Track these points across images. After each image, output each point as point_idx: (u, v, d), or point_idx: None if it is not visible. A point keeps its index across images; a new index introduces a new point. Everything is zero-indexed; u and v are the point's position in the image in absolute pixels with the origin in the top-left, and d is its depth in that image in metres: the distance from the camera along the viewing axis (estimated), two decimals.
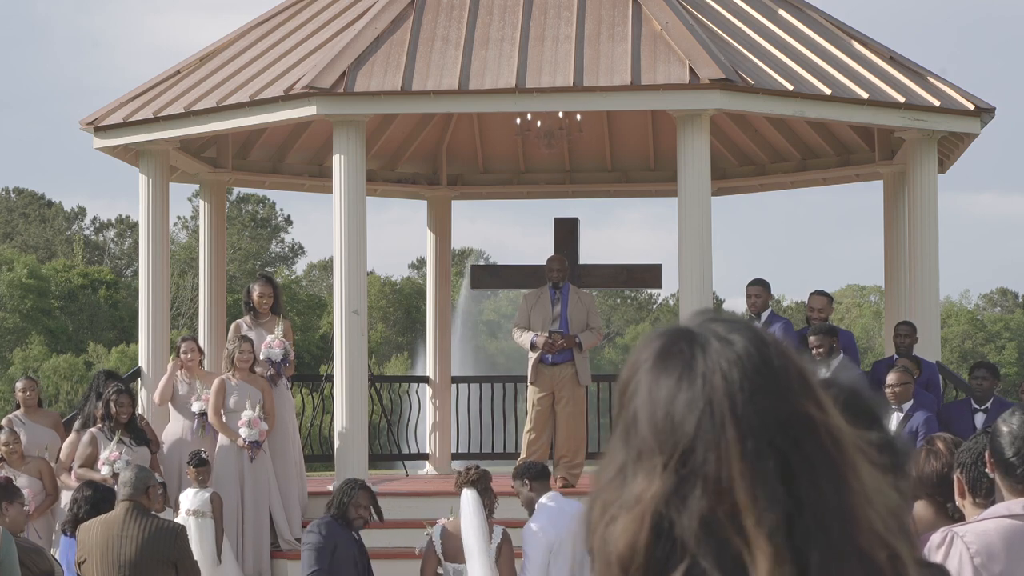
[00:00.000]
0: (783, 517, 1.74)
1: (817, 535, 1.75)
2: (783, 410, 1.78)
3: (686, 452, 1.76)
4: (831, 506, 1.76)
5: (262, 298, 14.88)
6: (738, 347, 1.81)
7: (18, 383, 14.94)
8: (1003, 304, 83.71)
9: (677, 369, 1.80)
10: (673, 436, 1.77)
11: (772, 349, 1.83)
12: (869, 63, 15.58)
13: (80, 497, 10.69)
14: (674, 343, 1.83)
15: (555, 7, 15.22)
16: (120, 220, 73.98)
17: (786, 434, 1.77)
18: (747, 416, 1.76)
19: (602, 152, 20.13)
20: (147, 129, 15.67)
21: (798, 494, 1.75)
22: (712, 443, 1.76)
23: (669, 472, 1.76)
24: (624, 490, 1.78)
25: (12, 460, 13.56)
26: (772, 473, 1.75)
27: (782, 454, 1.76)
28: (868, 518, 1.79)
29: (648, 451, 1.78)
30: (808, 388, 1.82)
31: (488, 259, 71.18)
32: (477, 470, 10.55)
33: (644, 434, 1.79)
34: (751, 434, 1.76)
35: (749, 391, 1.78)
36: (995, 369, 14.61)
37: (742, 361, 1.80)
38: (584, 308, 15.58)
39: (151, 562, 9.56)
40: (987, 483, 4.60)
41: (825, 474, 1.78)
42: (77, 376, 51.35)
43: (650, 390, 1.81)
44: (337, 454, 14.77)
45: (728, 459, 1.75)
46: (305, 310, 60.41)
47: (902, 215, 17.46)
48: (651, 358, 1.83)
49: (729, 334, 1.82)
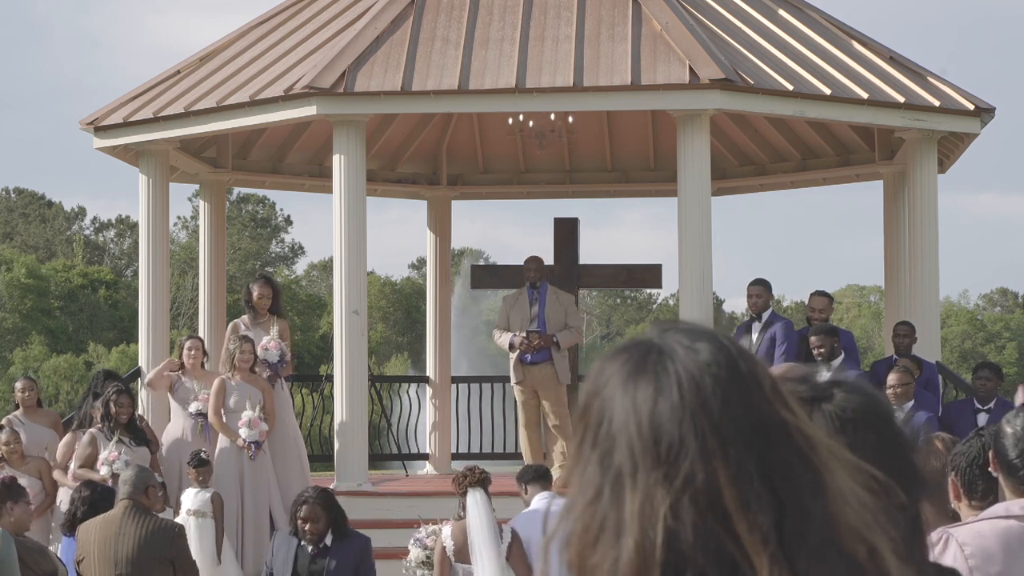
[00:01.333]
0: (773, 521, 1.75)
1: (800, 536, 1.76)
2: (756, 415, 1.79)
3: (674, 462, 1.76)
4: (810, 507, 1.77)
5: (261, 298, 14.87)
6: (704, 355, 1.80)
7: (17, 383, 14.95)
8: (1003, 304, 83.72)
9: (652, 380, 1.79)
10: (660, 447, 1.76)
11: (737, 355, 1.82)
12: (869, 63, 15.58)
13: (78, 497, 10.70)
14: (643, 355, 1.82)
15: (555, 7, 15.22)
16: (120, 220, 74.01)
17: (762, 438, 1.78)
18: (725, 423, 1.76)
19: (602, 152, 20.13)
20: (147, 129, 15.67)
21: (778, 497, 1.76)
22: (697, 452, 1.75)
23: (664, 484, 1.75)
24: (610, 509, 1.77)
25: (12, 460, 13.55)
26: (756, 478, 1.75)
27: (760, 458, 1.77)
28: (845, 515, 1.80)
29: (635, 466, 1.77)
30: (776, 391, 1.82)
31: (488, 259, 71.16)
32: (482, 471, 10.56)
33: (627, 449, 1.77)
34: (732, 440, 1.76)
35: (723, 397, 1.78)
36: (999, 370, 14.62)
37: (711, 368, 1.79)
38: (562, 308, 15.70)
39: (149, 561, 9.57)
40: (982, 486, 4.59)
41: (802, 476, 1.78)
42: (77, 376, 51.36)
43: (627, 403, 1.79)
44: (337, 454, 14.77)
45: (714, 467, 1.75)
46: (305, 310, 60.41)
47: (902, 215, 17.46)
48: (621, 372, 1.82)
49: (693, 343, 1.82)
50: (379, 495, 14.76)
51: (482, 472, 10.52)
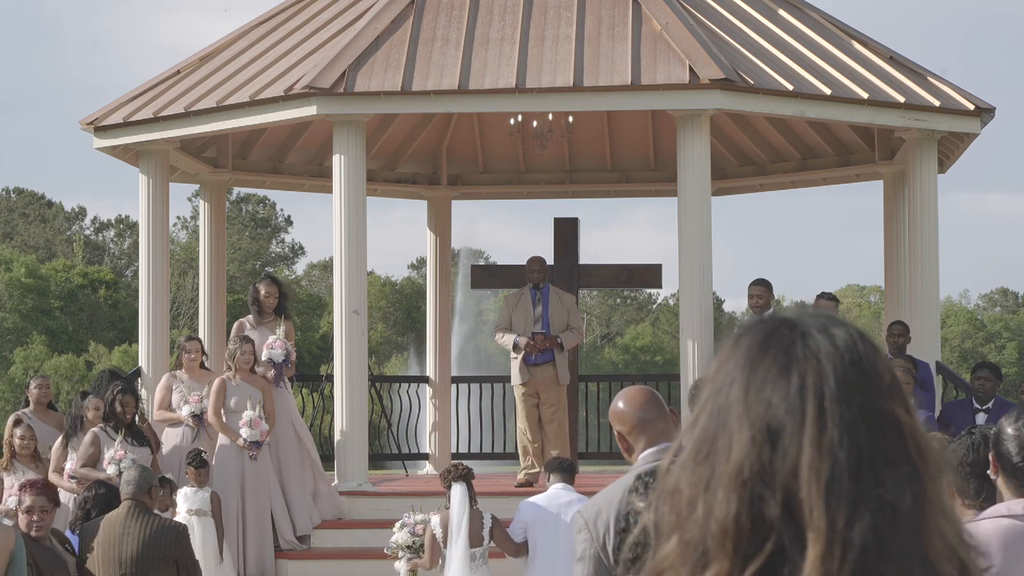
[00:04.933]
0: (849, 511, 1.75)
1: (886, 536, 1.75)
2: (870, 407, 1.81)
3: (775, 433, 1.79)
4: (906, 509, 1.77)
5: (268, 297, 14.89)
6: (838, 340, 1.84)
7: (33, 381, 14.92)
8: (1004, 304, 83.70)
9: (778, 355, 1.83)
10: (764, 416, 1.80)
11: (869, 348, 1.86)
12: (869, 63, 15.59)
13: (91, 496, 10.64)
14: (777, 329, 1.86)
15: (555, 7, 15.23)
16: (120, 220, 74.00)
17: (869, 431, 1.79)
18: (832, 407, 1.79)
19: (602, 152, 20.14)
20: (147, 129, 15.67)
21: (872, 492, 1.76)
22: (795, 429, 1.78)
23: (760, 449, 1.78)
24: (709, 468, 1.81)
25: (24, 457, 13.56)
26: (843, 466, 1.77)
27: (860, 450, 1.78)
28: (941, 528, 1.79)
29: (739, 428, 1.81)
30: (897, 391, 1.85)
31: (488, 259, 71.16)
32: (465, 467, 11.71)
33: (735, 411, 1.82)
34: (832, 425, 1.78)
35: (841, 384, 1.80)
36: (998, 370, 14.62)
37: (839, 354, 1.83)
38: (565, 309, 15.74)
39: (152, 560, 9.60)
40: (975, 485, 4.58)
41: (906, 477, 1.78)
42: (78, 376, 51.36)
43: (747, 371, 1.84)
44: (337, 454, 14.78)
45: (803, 445, 1.77)
46: (305, 310, 60.40)
47: (902, 215, 17.47)
48: (753, 342, 1.86)
49: (831, 327, 1.86)
50: (379, 495, 14.76)
51: (465, 468, 11.67)
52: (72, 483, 13.29)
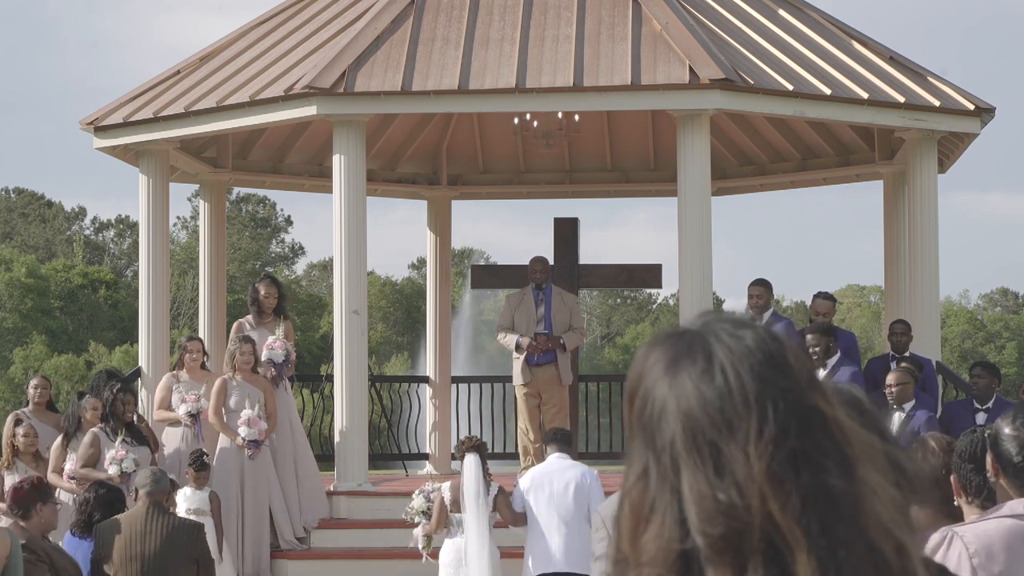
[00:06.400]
0: (802, 506, 1.78)
1: (829, 525, 1.78)
2: (793, 402, 1.82)
3: (719, 442, 1.80)
4: (842, 497, 1.80)
5: (267, 297, 14.91)
6: (748, 342, 1.85)
7: (32, 380, 14.94)
8: (1004, 304, 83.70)
9: (699, 363, 1.84)
10: (710, 427, 1.80)
11: (779, 344, 1.87)
12: (869, 63, 15.58)
13: (93, 497, 10.63)
14: (688, 341, 1.87)
15: (555, 7, 15.23)
16: (120, 220, 74.00)
17: (799, 426, 1.81)
18: (764, 407, 1.80)
19: (602, 152, 20.13)
20: (147, 129, 15.67)
21: (809, 485, 1.79)
22: (738, 433, 1.79)
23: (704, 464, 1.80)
24: (657, 490, 1.81)
25: (26, 456, 13.56)
26: (788, 462, 1.79)
27: (793, 445, 1.80)
28: (875, 510, 1.82)
29: (678, 448, 1.81)
30: (815, 382, 1.86)
31: (488, 259, 71.16)
32: (478, 439, 12.28)
33: (675, 430, 1.82)
34: (769, 423, 1.80)
35: (763, 384, 1.82)
36: (993, 368, 14.58)
37: (754, 355, 1.84)
38: (567, 309, 15.76)
39: (173, 558, 9.71)
40: (976, 481, 4.58)
41: (836, 466, 1.81)
42: (78, 376, 51.36)
43: (673, 386, 1.84)
44: (337, 454, 14.78)
45: (751, 449, 1.78)
46: (305, 310, 60.40)
47: (902, 215, 17.46)
48: (667, 356, 1.86)
49: (737, 331, 1.86)
50: (379, 495, 14.76)
51: (478, 439, 12.25)
52: (72, 483, 13.29)
